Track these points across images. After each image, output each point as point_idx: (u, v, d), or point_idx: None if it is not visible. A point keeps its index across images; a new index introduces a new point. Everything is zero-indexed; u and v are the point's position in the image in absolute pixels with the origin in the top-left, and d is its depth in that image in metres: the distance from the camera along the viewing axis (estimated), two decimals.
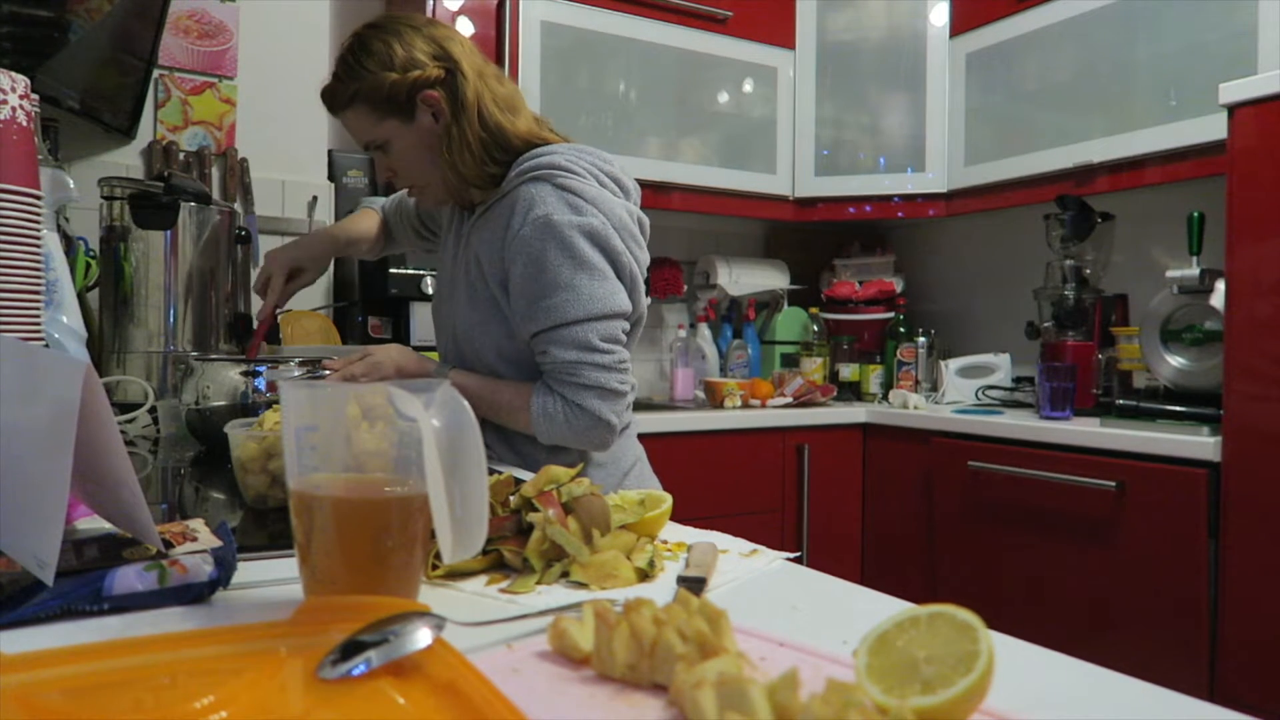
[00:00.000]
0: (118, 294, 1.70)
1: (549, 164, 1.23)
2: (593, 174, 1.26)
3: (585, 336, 1.20)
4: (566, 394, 1.21)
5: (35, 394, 0.56)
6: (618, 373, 1.23)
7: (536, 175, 1.23)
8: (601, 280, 1.21)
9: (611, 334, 1.22)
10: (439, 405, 0.56)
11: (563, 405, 1.21)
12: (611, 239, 1.22)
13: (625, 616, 0.48)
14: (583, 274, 1.19)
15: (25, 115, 0.95)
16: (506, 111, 1.28)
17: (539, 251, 1.19)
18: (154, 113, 2.27)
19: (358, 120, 1.26)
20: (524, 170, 1.24)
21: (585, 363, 1.20)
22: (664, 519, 0.76)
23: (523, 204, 1.21)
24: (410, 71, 1.22)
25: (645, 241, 1.31)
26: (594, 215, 1.21)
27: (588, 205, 1.21)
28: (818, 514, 2.45)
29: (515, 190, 1.24)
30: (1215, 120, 1.89)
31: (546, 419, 1.22)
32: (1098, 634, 1.89)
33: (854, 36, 2.74)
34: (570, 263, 1.19)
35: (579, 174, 1.24)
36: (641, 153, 2.52)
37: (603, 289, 1.20)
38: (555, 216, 1.19)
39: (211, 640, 0.49)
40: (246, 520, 0.88)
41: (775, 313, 2.99)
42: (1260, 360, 1.64)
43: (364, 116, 1.25)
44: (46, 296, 1.17)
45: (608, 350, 1.21)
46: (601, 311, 1.20)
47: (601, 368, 1.21)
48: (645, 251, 1.30)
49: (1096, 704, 0.48)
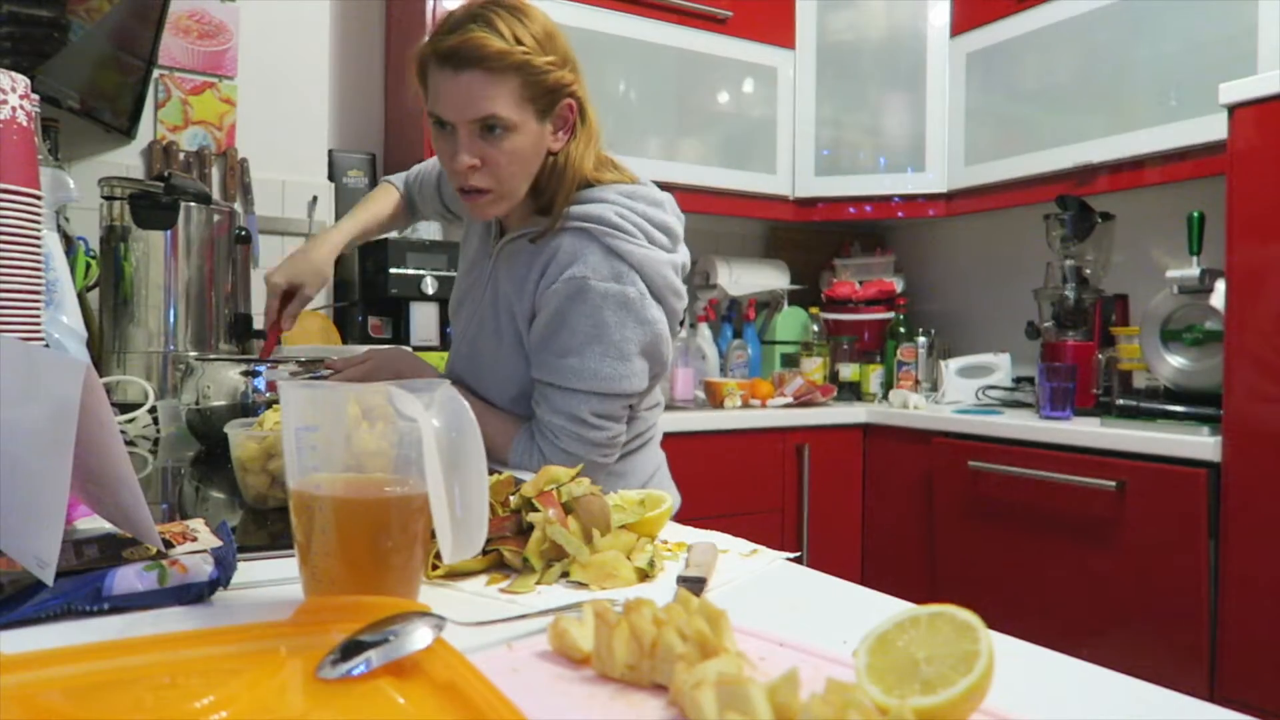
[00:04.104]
0: (118, 294, 1.71)
1: (599, 217, 1.16)
2: (643, 229, 1.19)
3: (578, 408, 1.16)
4: (545, 451, 1.18)
5: (35, 394, 0.56)
6: (602, 448, 1.19)
7: (585, 229, 1.16)
8: (615, 361, 1.15)
9: (609, 411, 1.18)
10: (439, 405, 0.56)
11: (539, 460, 1.18)
12: (646, 310, 1.16)
13: (625, 616, 0.48)
14: (597, 347, 1.15)
15: (25, 115, 0.95)
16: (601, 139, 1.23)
17: (565, 310, 1.15)
18: (154, 113, 2.27)
19: (494, 88, 1.10)
20: (574, 216, 1.18)
21: (569, 432, 1.17)
22: (664, 519, 0.76)
23: (564, 255, 1.16)
24: (568, 75, 1.15)
25: (684, 280, 1.25)
26: (633, 284, 1.15)
27: (630, 272, 1.15)
28: (818, 514, 2.45)
29: (560, 235, 1.18)
30: (1215, 120, 1.89)
31: (523, 460, 1.19)
32: (1098, 634, 1.89)
33: (854, 36, 2.74)
34: (590, 332, 1.14)
35: (629, 233, 1.17)
36: (641, 153, 2.52)
37: (613, 370, 1.15)
38: (593, 281, 1.13)
39: (211, 640, 0.49)
40: (246, 520, 0.88)
41: (775, 313, 2.99)
42: (1260, 360, 1.64)
43: (509, 90, 1.10)
44: (46, 296, 1.17)
45: (599, 426, 1.17)
46: (604, 390, 1.16)
47: (585, 441, 1.17)
48: (684, 297, 1.24)
49: (1097, 704, 0.48)
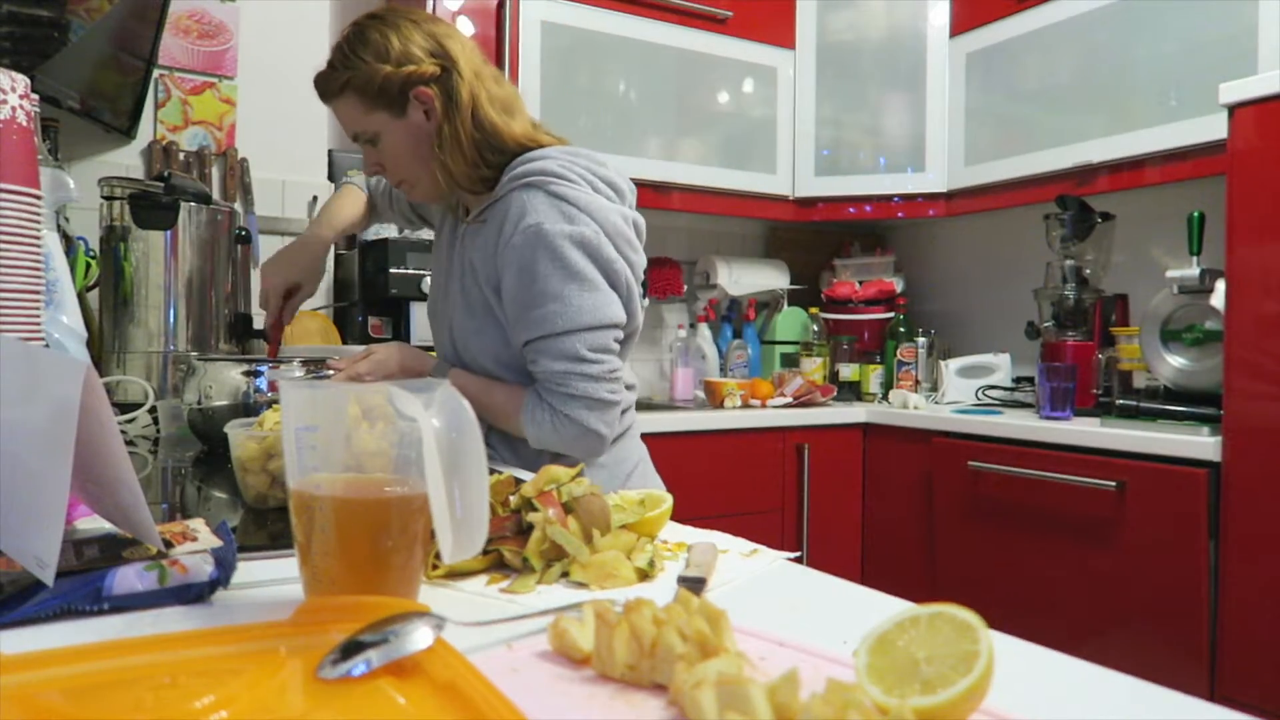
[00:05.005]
0: (118, 294, 1.70)
1: (541, 170, 1.22)
2: (586, 179, 1.25)
3: (573, 347, 1.19)
4: (555, 404, 1.20)
5: (35, 394, 0.56)
6: (607, 383, 1.21)
7: (529, 182, 1.22)
8: (592, 291, 1.19)
9: (601, 344, 1.21)
10: (439, 405, 0.56)
11: (550, 415, 1.21)
12: (604, 248, 1.20)
13: (625, 616, 0.47)
14: (573, 284, 1.18)
15: (25, 115, 0.95)
16: (502, 113, 1.26)
17: (529, 261, 1.18)
18: (154, 113, 2.27)
19: (348, 110, 1.25)
20: (516, 176, 1.23)
21: (574, 373, 1.19)
22: (664, 519, 0.76)
23: (515, 211, 1.20)
24: (404, 66, 1.20)
25: (641, 244, 1.29)
26: (586, 224, 1.19)
27: (580, 213, 1.20)
28: (818, 514, 2.45)
29: (508, 196, 1.23)
30: (1215, 120, 1.89)
31: (535, 426, 1.22)
32: (1098, 634, 1.89)
33: (854, 36, 2.74)
34: (560, 273, 1.18)
35: (572, 180, 1.22)
36: (641, 153, 2.52)
37: (592, 300, 1.19)
38: (546, 225, 1.18)
39: (211, 640, 0.49)
40: (247, 520, 0.88)
41: (775, 313, 2.99)
42: (1260, 360, 1.64)
43: (354, 106, 1.23)
44: (46, 296, 1.17)
45: (596, 360, 1.20)
46: (590, 323, 1.19)
47: (589, 378, 1.20)
48: (641, 255, 1.29)
49: (1097, 704, 0.48)
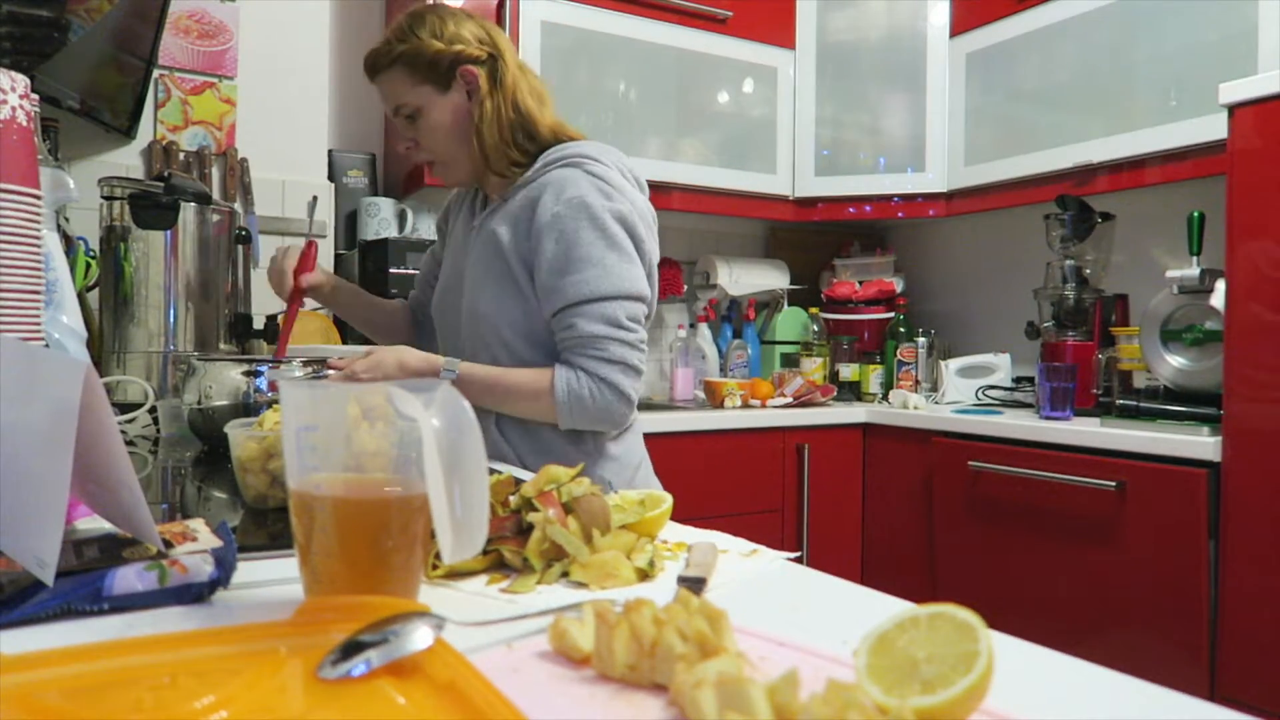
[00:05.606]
0: (118, 294, 1.70)
1: (579, 152, 1.31)
2: (619, 168, 1.34)
3: (613, 312, 1.24)
4: (590, 367, 1.24)
5: (35, 394, 0.56)
6: (639, 351, 1.28)
7: (569, 161, 1.30)
8: (629, 263, 1.26)
9: (635, 314, 1.27)
10: (439, 405, 0.55)
11: (588, 380, 1.24)
12: (638, 226, 1.28)
13: (625, 616, 0.47)
14: (613, 253, 1.25)
15: (25, 115, 0.95)
16: (539, 104, 1.35)
17: (573, 230, 1.24)
18: (154, 113, 2.26)
19: (393, 83, 1.32)
20: (554, 160, 1.31)
21: (612, 338, 1.24)
22: (664, 519, 0.76)
23: (554, 186, 1.27)
24: (455, 45, 1.30)
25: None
26: (622, 202, 1.27)
27: (616, 192, 1.28)
28: (818, 514, 2.45)
29: (546, 174, 1.30)
30: (1215, 120, 1.89)
31: (571, 395, 1.24)
32: (1098, 634, 1.89)
33: (854, 36, 2.74)
34: (602, 241, 1.24)
35: (607, 165, 1.31)
36: (641, 153, 2.52)
37: (630, 271, 1.26)
38: (589, 199, 1.25)
39: (211, 640, 0.49)
40: (247, 520, 0.88)
41: (775, 313, 2.99)
42: (1260, 360, 1.64)
43: (402, 80, 1.32)
44: (46, 296, 1.17)
45: (632, 328, 1.26)
46: (629, 291, 1.25)
47: (627, 344, 1.25)
48: (657, 246, 1.36)
49: (1097, 704, 0.48)
